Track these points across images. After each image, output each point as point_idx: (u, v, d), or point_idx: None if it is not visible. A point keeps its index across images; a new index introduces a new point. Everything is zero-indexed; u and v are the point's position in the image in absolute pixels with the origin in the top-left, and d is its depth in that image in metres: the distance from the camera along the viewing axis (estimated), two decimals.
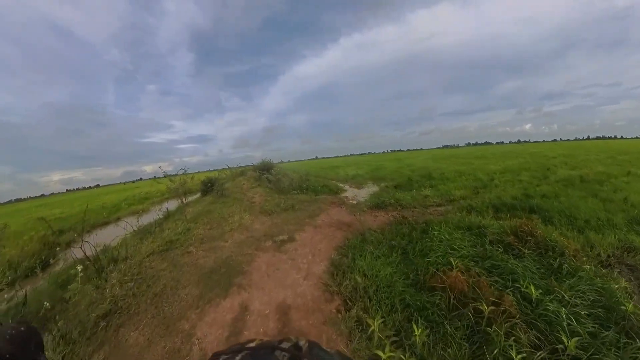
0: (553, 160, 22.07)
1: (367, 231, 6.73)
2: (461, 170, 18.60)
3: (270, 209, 9.91)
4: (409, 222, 7.29)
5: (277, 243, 6.53)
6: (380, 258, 5.24)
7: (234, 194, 16.39)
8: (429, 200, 10.62)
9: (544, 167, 17.19)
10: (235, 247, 6.60)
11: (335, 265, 5.13)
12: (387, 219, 8.45)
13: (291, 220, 8.45)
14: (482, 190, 11.85)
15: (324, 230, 7.28)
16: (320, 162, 73.37)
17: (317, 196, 13.28)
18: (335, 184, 16.94)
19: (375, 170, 23.80)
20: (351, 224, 7.74)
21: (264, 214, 9.67)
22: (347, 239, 6.48)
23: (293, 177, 14.87)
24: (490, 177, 14.91)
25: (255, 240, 6.89)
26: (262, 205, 11.19)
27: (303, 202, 10.96)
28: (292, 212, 9.44)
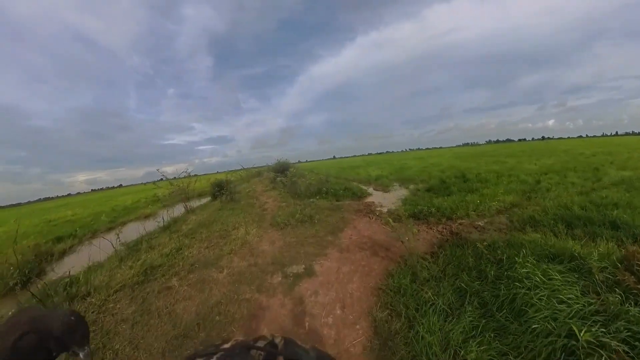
0: (593, 158, 19.42)
1: (415, 259, 4.68)
2: (497, 170, 16.19)
3: (283, 220, 7.97)
4: (469, 244, 5.23)
5: (289, 279, 4.56)
6: (450, 317, 3.23)
7: (245, 198, 14.60)
8: (476, 208, 8.46)
9: (591, 167, 14.65)
10: (230, 284, 4.67)
11: (380, 334, 3.12)
12: (432, 235, 6.39)
13: (309, 238, 6.48)
14: (533, 195, 9.62)
15: (353, 256, 5.26)
16: (339, 161, 71.19)
17: (339, 202, 11.29)
18: (358, 187, 14.88)
19: (399, 171, 21.55)
20: (389, 245, 5.72)
21: (275, 227, 7.74)
22: (388, 273, 4.47)
23: (311, 179, 12.91)
24: (535, 178, 12.59)
25: (259, 272, 4.95)
26: (274, 214, 9.28)
27: (323, 211, 8.99)
28: (310, 225, 7.46)
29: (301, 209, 9.00)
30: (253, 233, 7.42)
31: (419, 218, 7.88)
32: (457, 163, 24.38)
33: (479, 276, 4.17)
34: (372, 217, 8.10)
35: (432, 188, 12.22)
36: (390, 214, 8.31)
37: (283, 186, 13.91)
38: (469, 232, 6.63)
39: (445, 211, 8.06)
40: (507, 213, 8.11)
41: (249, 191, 17.32)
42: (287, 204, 11.18)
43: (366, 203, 10.62)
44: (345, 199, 11.77)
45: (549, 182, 11.57)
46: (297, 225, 7.53)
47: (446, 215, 7.85)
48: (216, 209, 12.70)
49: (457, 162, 24.99)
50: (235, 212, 11.18)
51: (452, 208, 8.28)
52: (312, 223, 7.56)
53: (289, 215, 8.39)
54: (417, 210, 8.16)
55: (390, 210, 8.96)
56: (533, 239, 5.13)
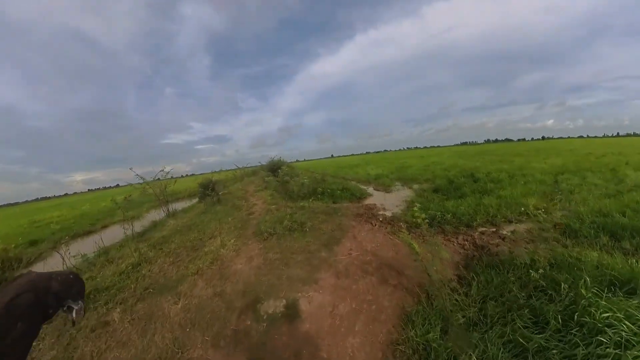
0: (604, 159, 18.06)
1: (443, 293, 3.33)
2: (506, 169, 14.84)
3: (268, 228, 6.59)
4: (505, 265, 3.93)
5: (262, 324, 3.18)
6: None
7: (233, 199, 13.22)
8: (497, 213, 7.14)
9: (607, 168, 13.32)
10: (181, 325, 3.30)
11: None
12: (453, 250, 5.07)
13: (296, 253, 5.09)
14: (556, 198, 8.33)
15: (355, 285, 3.87)
16: (337, 160, 69.62)
17: (336, 204, 9.96)
18: (357, 187, 13.52)
19: (400, 170, 20.18)
20: (401, 265, 4.38)
21: (258, 237, 6.36)
22: (406, 315, 3.13)
23: (304, 179, 11.53)
24: (551, 179, 11.32)
25: (223, 308, 3.57)
26: (260, 219, 7.92)
27: (317, 215, 7.63)
28: (300, 234, 6.08)
29: (291, 213, 7.65)
30: (230, 245, 6.07)
31: (431, 225, 6.55)
32: (460, 162, 23.02)
33: (535, 319, 2.86)
34: (374, 224, 6.75)
35: (440, 188, 10.88)
36: (397, 220, 6.98)
37: (275, 187, 12.55)
38: (496, 245, 5.32)
39: (462, 217, 6.74)
40: (533, 219, 6.86)
41: (239, 192, 15.95)
42: (277, 206, 9.82)
43: (367, 205, 9.28)
44: (343, 200, 10.43)
45: (568, 183, 10.25)
46: (284, 234, 6.16)
47: (464, 223, 6.53)
48: (199, 212, 11.35)
49: (460, 161, 23.63)
50: (218, 215, 9.83)
51: (470, 213, 6.95)
52: (303, 232, 6.19)
53: (276, 221, 7.03)
54: (428, 216, 6.83)
55: (396, 215, 7.62)
56: (590, 259, 3.82)
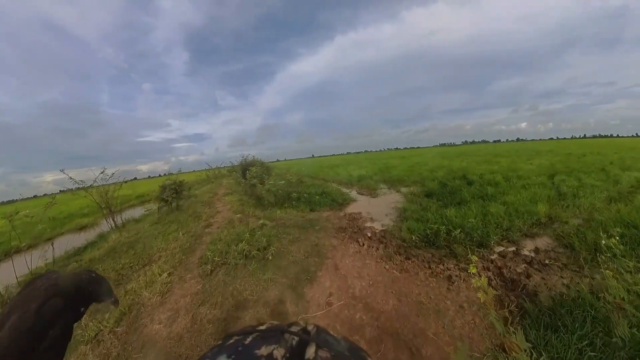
0: (585, 159, 17.30)
1: None
2: (497, 170, 13.52)
3: (218, 252, 4.85)
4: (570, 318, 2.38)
5: None
6: None
7: (196, 205, 11.31)
8: (509, 223, 5.70)
9: (596, 168, 12.30)
10: None
11: None
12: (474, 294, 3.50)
13: (244, 309, 3.36)
14: (564, 203, 7.02)
15: None
16: (318, 160, 67.73)
17: (314, 212, 8.30)
18: (339, 190, 11.88)
19: (383, 170, 18.67)
20: (410, 331, 2.73)
21: (202, 267, 4.61)
22: None
23: (278, 181, 9.78)
24: (547, 180, 10.12)
25: None
26: (215, 236, 6.15)
27: (288, 231, 5.96)
28: (259, 266, 4.32)
29: (254, 229, 5.93)
30: (160, 282, 4.29)
31: (434, 244, 4.98)
32: (444, 162, 21.81)
33: None
34: (362, 243, 5.11)
35: (433, 193, 9.38)
36: (391, 236, 5.36)
37: (245, 190, 10.74)
38: (526, 276, 3.83)
39: (471, 232, 5.20)
40: (549, 230, 5.58)
41: (207, 195, 14.03)
42: (243, 215, 8.07)
43: (350, 215, 7.63)
44: (323, 207, 8.73)
45: (566, 185, 9.01)
46: (236, 265, 4.42)
47: (476, 240, 4.99)
48: (151, 222, 9.42)
49: (445, 161, 22.44)
50: (170, 228, 7.97)
51: (480, 227, 5.42)
52: (264, 261, 4.45)
53: (231, 240, 5.29)
54: (430, 231, 5.25)
55: (388, 229, 6.00)
56: None
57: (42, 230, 7.42)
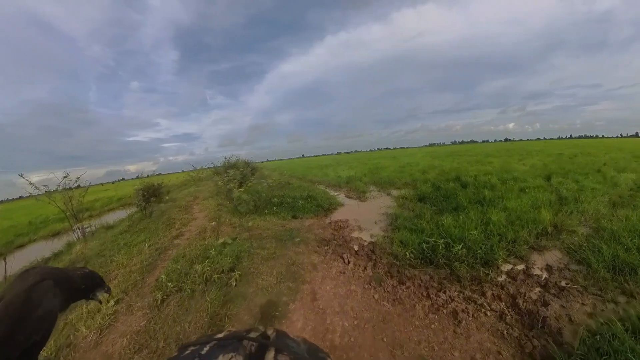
0: (577, 159, 16.81)
1: None
2: (491, 172, 12.84)
3: (176, 275, 4.03)
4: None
5: None
6: None
7: (172, 211, 10.41)
8: (514, 235, 5.00)
9: (592, 169, 11.74)
10: None
11: None
12: (491, 329, 2.76)
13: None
14: (567, 209, 6.37)
15: None
16: (308, 160, 66.73)
17: (297, 219, 7.50)
18: (326, 193, 11.08)
19: (373, 171, 17.92)
20: None
21: (156, 292, 3.79)
22: None
23: (259, 186, 8.94)
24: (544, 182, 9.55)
25: None
26: (180, 254, 5.29)
27: (264, 243, 5.16)
28: (221, 295, 3.49)
29: (224, 243, 5.12)
30: (102, 314, 3.47)
31: (432, 261, 4.23)
32: (435, 162, 21.19)
33: None
34: (347, 261, 4.35)
35: (426, 196, 8.65)
36: (381, 252, 4.60)
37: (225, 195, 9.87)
38: (543, 304, 3.13)
39: (473, 247, 4.47)
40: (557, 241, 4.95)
41: (187, 199, 13.10)
42: (218, 223, 7.26)
43: (336, 223, 6.83)
44: (307, 213, 7.90)
45: (564, 187, 8.41)
46: (193, 293, 3.60)
47: (479, 257, 4.25)
48: (120, 232, 8.48)
49: (435, 161, 21.83)
50: (138, 239, 7.09)
51: (483, 240, 4.70)
52: (226, 288, 3.64)
53: (195, 257, 4.48)
54: (426, 246, 4.51)
55: (378, 243, 5.21)
56: None
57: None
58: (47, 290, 0.81)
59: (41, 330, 0.78)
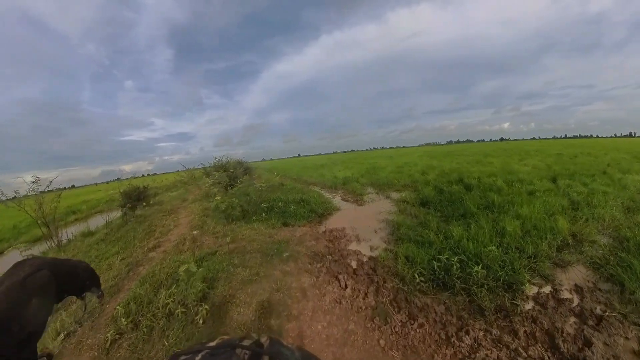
0: (578, 160, 16.10)
1: None
2: (493, 173, 12.14)
3: (137, 305, 3.28)
4: None
5: None
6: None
7: (156, 215, 9.64)
8: (535, 249, 4.31)
9: (597, 170, 11.07)
10: None
11: None
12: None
13: None
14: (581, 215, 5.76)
15: None
16: (303, 160, 65.83)
17: (288, 226, 6.76)
18: (320, 196, 10.36)
19: (371, 172, 17.17)
20: None
21: (106, 330, 3.04)
22: None
23: (251, 189, 8.20)
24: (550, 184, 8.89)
25: None
26: (148, 274, 4.54)
27: (247, 259, 4.44)
28: (184, 337, 2.77)
29: (201, 258, 4.38)
30: None
31: (446, 285, 3.52)
32: (433, 162, 20.46)
33: None
34: (344, 284, 3.62)
35: (429, 200, 7.94)
36: (383, 271, 3.87)
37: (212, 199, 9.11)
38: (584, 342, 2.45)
39: (493, 266, 3.76)
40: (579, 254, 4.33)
41: (174, 202, 12.31)
42: (201, 232, 6.52)
43: (332, 232, 6.10)
44: (299, 220, 7.15)
45: (573, 190, 7.76)
46: (151, 332, 2.86)
47: (502, 280, 3.54)
48: (96, 240, 7.69)
49: (434, 162, 21.11)
50: (112, 250, 6.33)
51: (503, 259, 3.99)
52: (191, 326, 2.91)
53: (163, 280, 3.74)
54: (437, 264, 3.79)
55: (382, 260, 4.47)
56: None
57: None
58: (44, 280, 0.80)
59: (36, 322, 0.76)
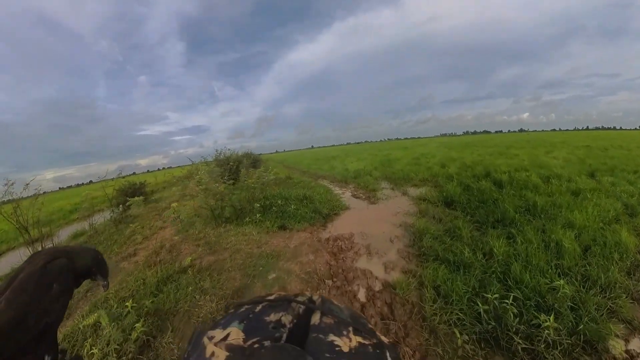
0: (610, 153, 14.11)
1: None
2: (523, 166, 10.56)
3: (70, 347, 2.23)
4: None
5: None
6: None
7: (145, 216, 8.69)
8: (607, 280, 3.02)
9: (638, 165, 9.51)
10: None
11: None
12: None
13: None
14: None
15: None
16: (316, 151, 64.45)
17: (285, 230, 5.61)
18: (328, 192, 9.16)
19: (385, 164, 15.78)
20: None
21: None
22: None
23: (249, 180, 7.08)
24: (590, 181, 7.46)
25: None
26: (102, 298, 3.50)
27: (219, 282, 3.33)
28: None
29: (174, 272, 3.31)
30: None
31: (498, 343, 2.31)
32: (453, 154, 18.78)
33: None
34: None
35: (454, 200, 6.65)
36: (407, 314, 2.68)
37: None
38: None
39: (563, 311, 2.53)
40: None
41: (174, 197, 11.36)
42: (185, 235, 5.49)
43: (336, 240, 4.86)
44: (299, 221, 5.91)
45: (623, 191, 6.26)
46: None
47: (577, 332, 2.32)
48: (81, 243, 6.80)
49: (453, 153, 19.43)
50: None
51: (571, 294, 2.75)
52: None
53: (112, 308, 2.67)
54: (485, 309, 2.57)
55: (401, 288, 3.24)
56: None
57: None
58: (61, 268, 0.82)
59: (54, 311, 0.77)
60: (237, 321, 0.47)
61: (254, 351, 0.39)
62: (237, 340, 0.42)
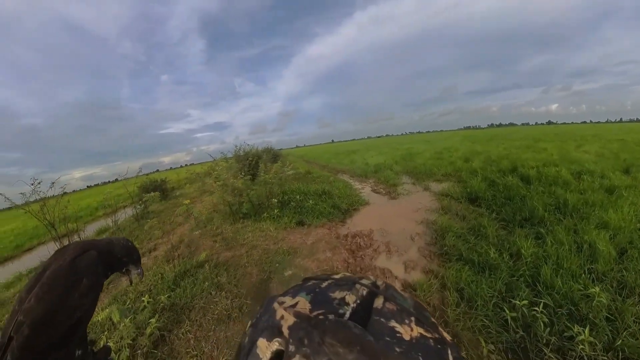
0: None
1: None
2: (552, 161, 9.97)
3: None
4: None
5: None
6: None
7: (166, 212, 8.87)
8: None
9: None
10: None
11: None
12: None
13: None
14: None
15: None
16: (336, 146, 64.12)
17: (303, 226, 5.55)
18: (347, 187, 9.05)
19: (406, 158, 15.45)
20: None
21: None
22: None
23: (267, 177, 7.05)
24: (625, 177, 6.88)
25: None
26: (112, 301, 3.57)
27: (235, 278, 3.30)
28: None
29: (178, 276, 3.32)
30: None
31: (527, 355, 2.14)
32: (477, 148, 18.07)
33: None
34: None
35: (479, 196, 6.37)
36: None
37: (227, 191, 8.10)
38: None
39: (599, 323, 2.30)
40: None
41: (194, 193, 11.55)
42: (200, 233, 5.52)
43: (354, 237, 4.76)
44: (317, 218, 5.87)
45: None
46: None
47: (614, 347, 2.11)
48: None
49: (478, 147, 18.69)
50: None
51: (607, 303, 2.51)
52: None
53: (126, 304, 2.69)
54: (511, 314, 2.39)
55: (422, 289, 3.11)
56: None
57: None
58: (92, 260, 0.79)
59: (85, 305, 0.75)
60: (304, 292, 0.49)
61: (319, 322, 0.40)
62: (304, 310, 0.44)
